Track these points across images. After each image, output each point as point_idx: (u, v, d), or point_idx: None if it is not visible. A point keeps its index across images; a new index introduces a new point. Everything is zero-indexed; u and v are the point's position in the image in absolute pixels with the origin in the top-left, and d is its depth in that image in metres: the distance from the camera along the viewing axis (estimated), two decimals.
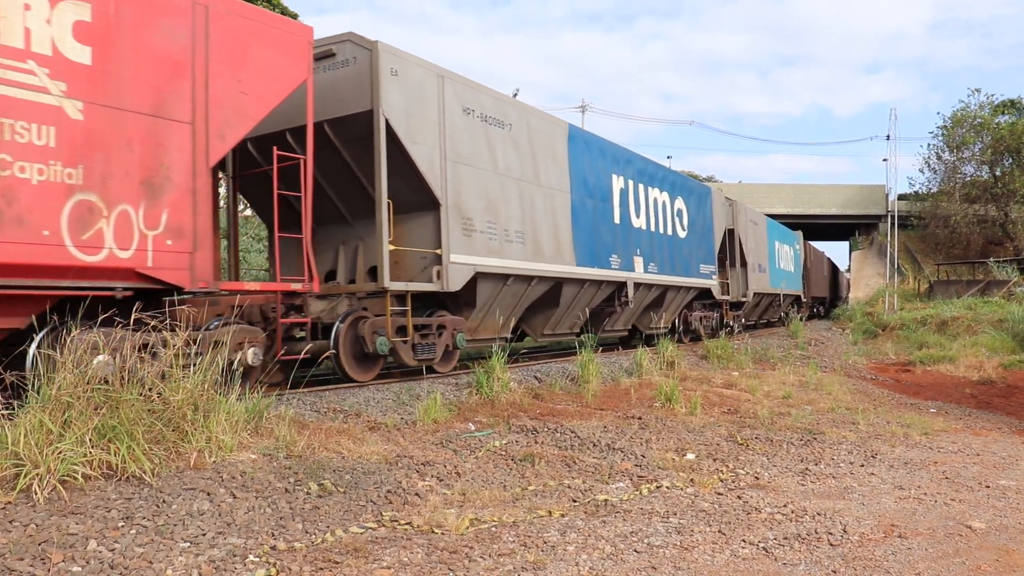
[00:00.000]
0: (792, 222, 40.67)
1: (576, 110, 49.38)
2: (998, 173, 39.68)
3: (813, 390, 11.84)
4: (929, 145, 47.86)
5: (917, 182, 47.18)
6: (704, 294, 18.43)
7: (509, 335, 11.60)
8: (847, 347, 21.33)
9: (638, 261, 14.38)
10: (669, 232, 16.14)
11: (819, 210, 46.60)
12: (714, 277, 18.42)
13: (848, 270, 49.13)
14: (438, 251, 9.33)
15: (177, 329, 5.58)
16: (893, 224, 39.28)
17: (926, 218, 41.68)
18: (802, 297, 31.42)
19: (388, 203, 8.64)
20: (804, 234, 39.15)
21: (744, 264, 21.06)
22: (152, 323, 5.54)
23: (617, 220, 13.77)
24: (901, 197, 43.75)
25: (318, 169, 9.08)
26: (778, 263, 26.21)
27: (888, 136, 41.56)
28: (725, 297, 19.71)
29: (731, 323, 20.73)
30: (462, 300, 10.29)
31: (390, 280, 8.76)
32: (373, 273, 9.47)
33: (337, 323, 8.60)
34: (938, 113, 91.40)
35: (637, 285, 14.32)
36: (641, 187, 14.90)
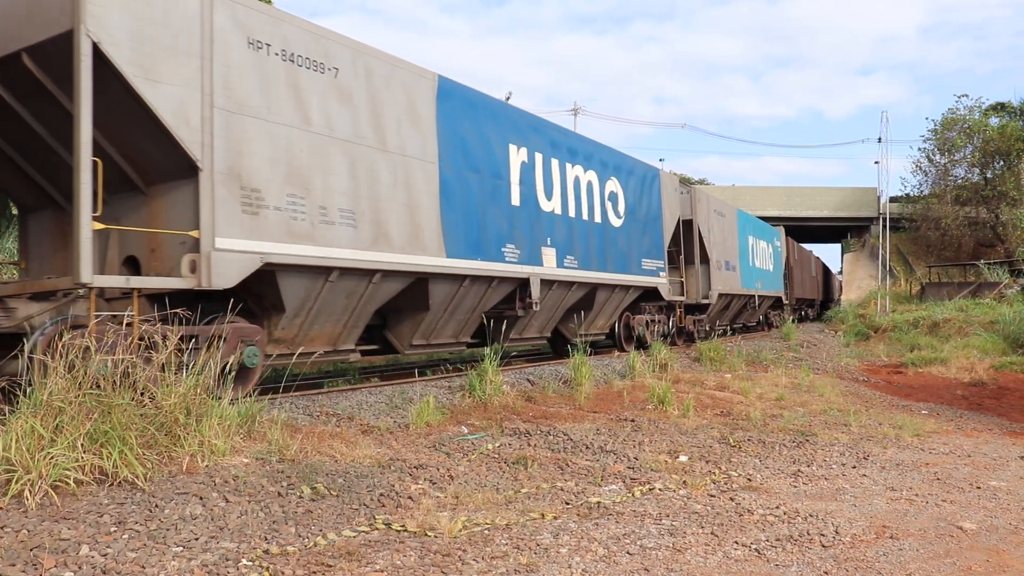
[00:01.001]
0: (784, 224, 40.80)
1: (569, 113, 49.48)
2: (988, 176, 39.94)
3: (805, 392, 11.89)
4: (920, 149, 48.13)
5: (909, 184, 47.49)
6: (653, 294, 15.76)
7: (355, 346, 8.97)
8: (839, 349, 21.41)
9: (548, 253, 11.64)
10: (597, 219, 13.21)
11: (811, 212, 46.81)
12: (662, 274, 15.69)
13: (840, 272, 49.34)
14: (195, 233, 6.76)
15: None
16: (885, 226, 39.50)
17: (917, 220, 41.90)
18: (783, 299, 28.92)
19: (95, 163, 6.10)
20: (796, 236, 39.25)
21: (706, 260, 18.46)
22: None
23: (516, 201, 10.98)
24: (893, 199, 44.02)
25: (42, 124, 7.01)
26: (753, 261, 23.50)
27: (880, 139, 41.70)
28: (678, 298, 17.06)
29: (690, 328, 18.27)
30: (269, 301, 7.80)
31: (94, 272, 6.13)
32: (130, 263, 7.33)
33: (36, 335, 6.12)
34: (927, 118, 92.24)
35: (549, 283, 11.70)
36: (555, 163, 12.13)
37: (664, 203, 16.25)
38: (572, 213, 12.51)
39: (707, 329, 19.57)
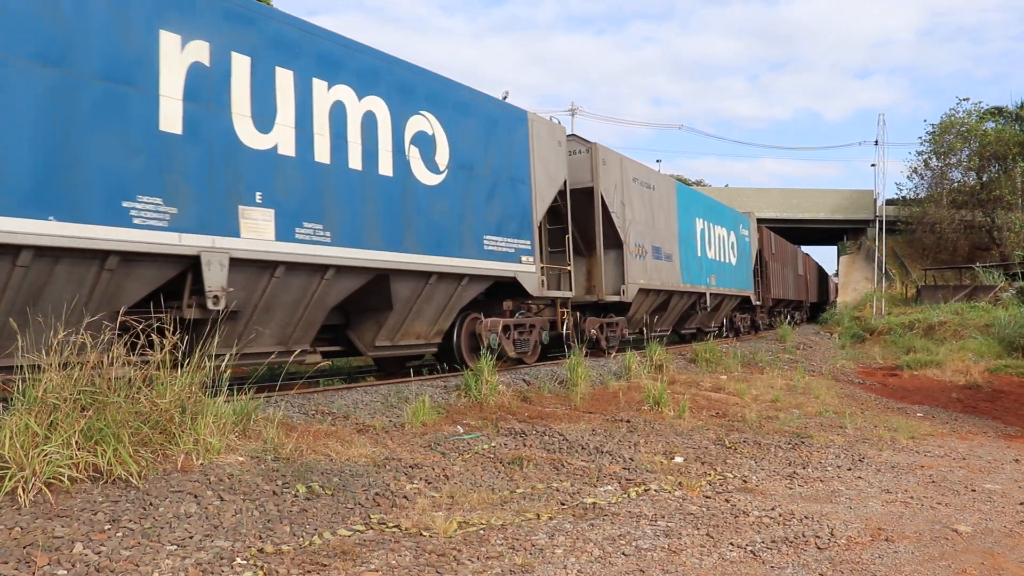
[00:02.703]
0: (780, 226, 40.86)
1: (566, 113, 49.49)
2: (984, 179, 40.06)
3: (801, 394, 11.90)
4: (917, 152, 48.45)
5: (905, 188, 47.64)
6: (519, 289, 11.39)
7: None
8: (835, 351, 21.44)
9: (258, 217, 7.37)
10: (384, 171, 8.88)
11: (808, 214, 46.90)
12: (527, 259, 11.32)
13: (836, 274, 49.44)
14: None
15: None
16: (881, 229, 39.58)
17: (913, 223, 42.01)
18: (753, 299, 24.32)
19: None
20: (792, 238, 39.29)
21: (619, 245, 14.08)
22: None
23: (174, 127, 6.73)
24: (889, 202, 44.10)
25: None
26: (703, 250, 18.93)
27: (876, 141, 41.79)
28: (560, 293, 12.48)
29: (595, 335, 13.84)
30: None
31: None
32: None
33: None
34: (925, 120, 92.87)
35: (266, 265, 7.50)
36: (287, 75, 7.77)
37: (535, 160, 11.65)
38: (324, 158, 8.14)
39: (624, 335, 15.10)
